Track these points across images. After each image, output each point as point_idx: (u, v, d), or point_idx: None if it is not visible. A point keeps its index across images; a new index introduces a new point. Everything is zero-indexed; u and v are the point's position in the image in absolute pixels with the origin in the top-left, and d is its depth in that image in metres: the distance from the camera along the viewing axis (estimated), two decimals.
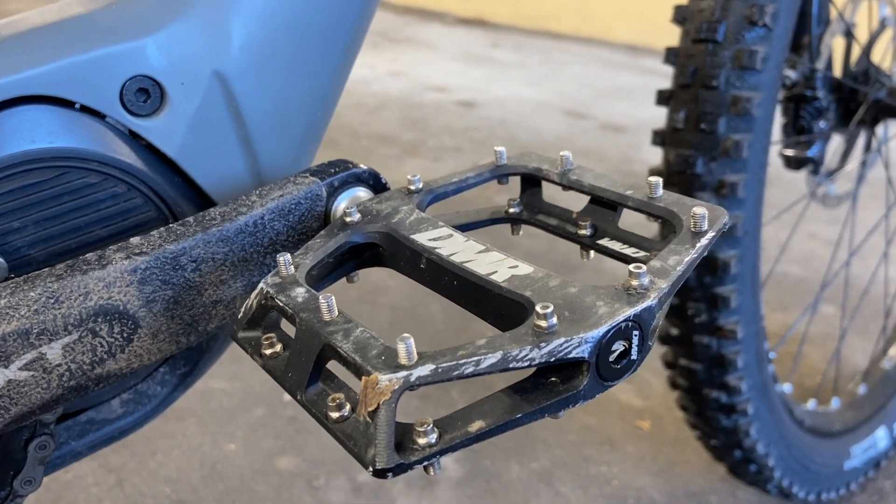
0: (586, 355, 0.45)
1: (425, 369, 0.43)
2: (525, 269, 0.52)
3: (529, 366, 0.44)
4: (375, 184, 0.67)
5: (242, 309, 0.55)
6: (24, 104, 0.64)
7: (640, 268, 0.47)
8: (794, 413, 1.38)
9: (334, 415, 0.47)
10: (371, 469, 0.43)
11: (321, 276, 0.59)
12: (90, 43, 0.66)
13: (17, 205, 0.64)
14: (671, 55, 1.09)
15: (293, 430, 1.66)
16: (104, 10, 0.69)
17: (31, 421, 0.59)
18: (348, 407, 0.47)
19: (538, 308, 0.45)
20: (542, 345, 0.44)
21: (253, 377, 1.81)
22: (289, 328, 0.55)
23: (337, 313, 0.49)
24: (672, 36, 1.17)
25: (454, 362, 0.43)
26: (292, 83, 0.75)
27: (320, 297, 0.49)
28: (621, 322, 0.45)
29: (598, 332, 0.45)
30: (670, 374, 1.29)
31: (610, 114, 3.88)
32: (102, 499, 1.47)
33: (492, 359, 0.44)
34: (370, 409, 0.43)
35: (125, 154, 0.68)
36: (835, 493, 1.47)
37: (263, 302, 0.53)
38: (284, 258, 0.54)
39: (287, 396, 1.75)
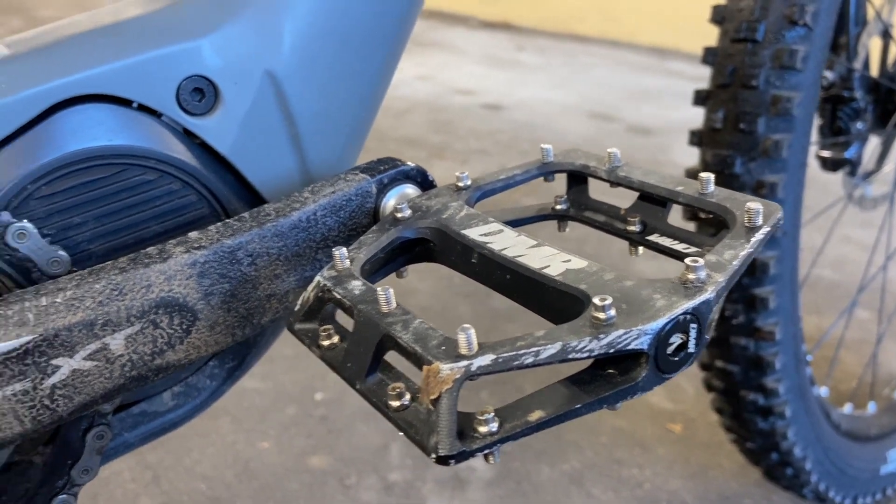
0: (645, 347, 0.45)
1: (486, 359, 0.44)
2: (579, 263, 0.52)
3: (588, 357, 0.45)
4: (423, 181, 0.68)
5: (299, 302, 0.56)
6: (84, 103, 0.66)
7: (697, 261, 0.48)
8: (830, 417, 1.37)
9: (394, 403, 0.48)
10: (433, 456, 0.43)
11: (373, 271, 0.61)
12: (148, 44, 0.68)
13: (78, 200, 0.66)
14: (709, 55, 1.10)
15: (324, 430, 1.67)
16: (161, 12, 0.70)
17: (91, 411, 0.61)
18: (408, 396, 0.48)
19: (596, 300, 0.46)
20: (601, 336, 0.44)
21: (285, 376, 1.83)
22: (344, 321, 0.56)
23: (395, 305, 0.50)
24: (698, 38, 1.17)
25: (514, 352, 0.44)
26: (339, 84, 0.76)
27: (378, 288, 0.50)
28: (679, 315, 0.46)
29: (657, 324, 0.45)
30: (706, 375, 1.29)
31: (637, 116, 3.87)
32: (140, 494, 1.49)
33: (551, 349, 0.44)
34: (432, 397, 0.44)
35: (180, 152, 0.69)
36: (871, 497, 1.45)
37: (321, 295, 0.54)
38: (340, 252, 0.55)
39: (319, 395, 1.77)
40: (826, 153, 1.35)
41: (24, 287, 0.59)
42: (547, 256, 0.54)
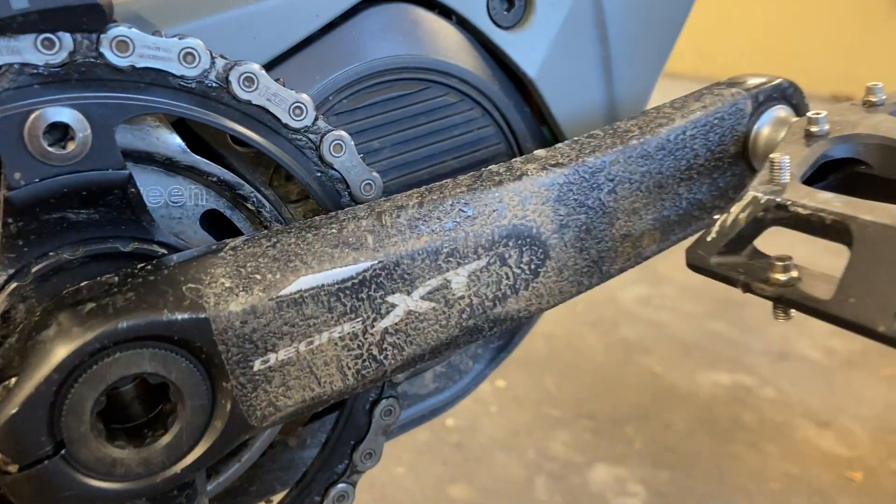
0: None
1: None
2: None
3: None
4: (798, 102, 0.54)
5: (714, 229, 0.42)
6: (388, 1, 0.56)
7: None
8: None
9: None
10: None
11: None
12: None
13: (378, 121, 0.54)
14: None
15: (461, 458, 1.53)
16: None
17: (410, 370, 0.48)
18: None
19: None
20: None
21: None
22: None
23: None
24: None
25: None
26: (657, 5, 0.64)
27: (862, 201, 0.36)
28: None
29: None
30: None
31: None
32: None
33: None
34: None
35: (483, 72, 0.58)
36: None
37: (760, 214, 0.40)
38: (783, 160, 0.41)
39: (451, 421, 1.63)
40: None
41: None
42: None
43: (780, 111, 0.53)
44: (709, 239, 0.42)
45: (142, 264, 0.42)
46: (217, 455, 0.42)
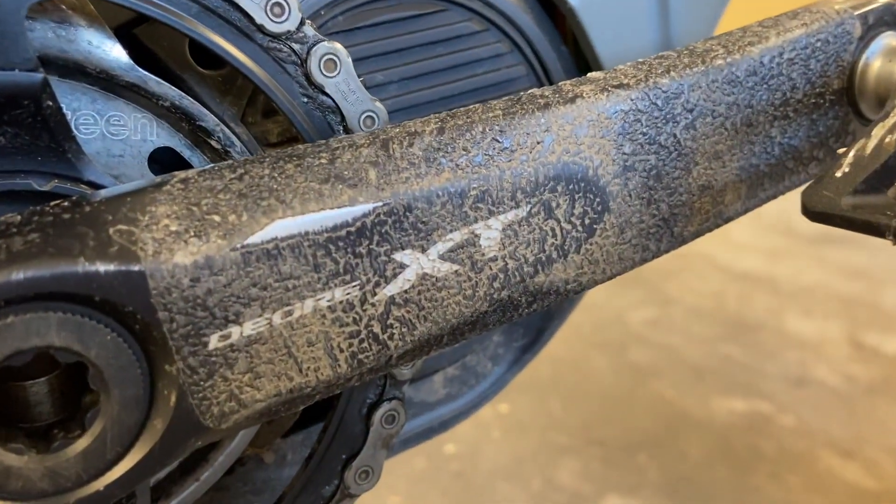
0: None
1: None
2: None
3: None
4: None
5: (847, 161, 0.31)
6: None
7: None
8: None
9: None
10: None
11: None
12: None
13: (383, 46, 0.43)
14: None
15: (461, 487, 1.41)
16: None
17: (382, 372, 0.37)
18: None
19: None
20: None
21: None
22: None
23: None
24: None
25: None
26: None
27: None
28: None
29: None
30: None
31: None
32: None
33: None
34: None
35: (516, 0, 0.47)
36: None
37: None
38: None
39: (451, 447, 1.51)
40: None
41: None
42: None
43: (892, 38, 0.42)
44: (839, 174, 0.31)
45: (56, 201, 0.30)
46: (156, 468, 0.30)
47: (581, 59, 0.51)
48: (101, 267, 0.28)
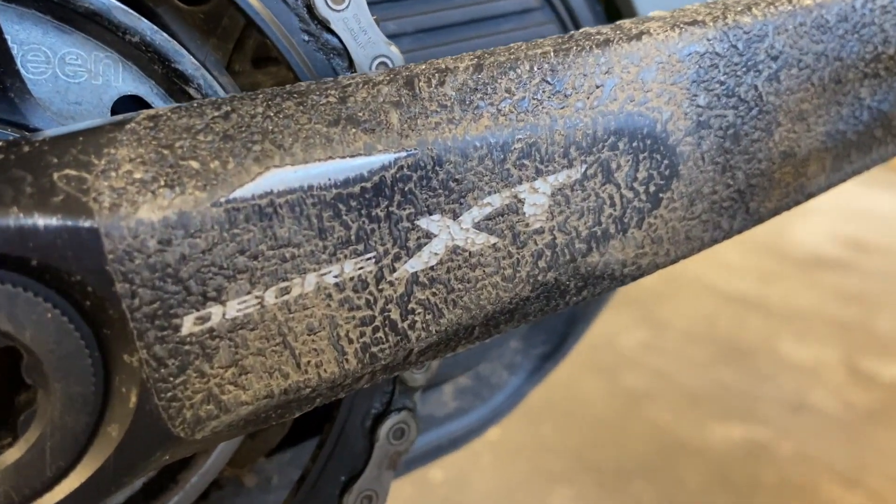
0: None
1: None
2: None
3: None
4: None
5: None
6: None
7: None
8: None
9: None
10: None
11: None
12: None
13: None
14: None
15: None
16: None
17: (445, 354, 0.30)
18: None
19: None
20: None
21: None
22: None
23: None
24: None
25: None
26: None
27: None
28: None
29: None
30: None
31: None
32: None
33: None
34: None
35: None
36: None
37: None
38: None
39: (439, 474, 1.44)
40: None
41: None
42: None
43: None
44: None
45: None
46: (111, 489, 0.23)
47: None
48: (41, 221, 0.21)
